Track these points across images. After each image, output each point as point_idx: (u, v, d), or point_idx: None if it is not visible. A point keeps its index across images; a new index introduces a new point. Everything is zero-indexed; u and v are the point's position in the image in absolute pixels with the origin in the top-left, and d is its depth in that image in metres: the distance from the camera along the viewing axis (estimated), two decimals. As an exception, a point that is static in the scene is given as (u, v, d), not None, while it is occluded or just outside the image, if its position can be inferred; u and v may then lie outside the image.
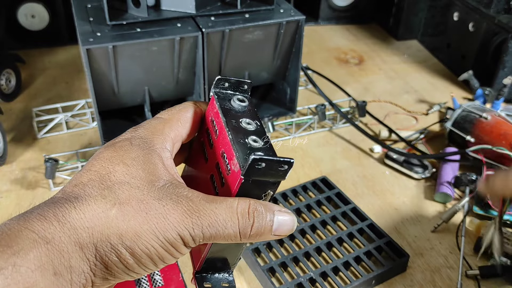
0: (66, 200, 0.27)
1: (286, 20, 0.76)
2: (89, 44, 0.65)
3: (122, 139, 0.30)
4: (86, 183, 0.27)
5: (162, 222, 0.26)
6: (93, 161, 0.29)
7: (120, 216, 0.26)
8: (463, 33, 1.06)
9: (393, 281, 0.62)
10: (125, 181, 0.27)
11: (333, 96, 0.99)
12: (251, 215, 0.27)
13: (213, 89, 0.32)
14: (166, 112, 0.33)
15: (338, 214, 0.68)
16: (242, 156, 0.27)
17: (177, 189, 0.27)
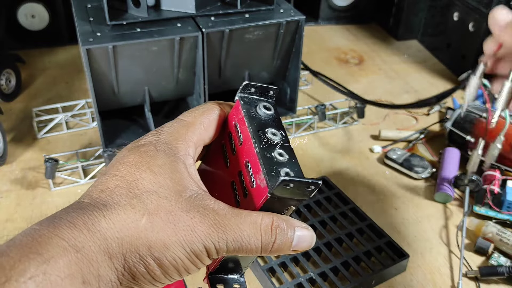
0: (94, 207, 0.26)
1: (286, 20, 0.76)
2: (89, 44, 0.65)
3: (146, 142, 0.30)
4: (113, 189, 0.27)
5: (190, 235, 0.26)
6: (118, 165, 0.28)
7: (150, 227, 0.26)
8: (463, 33, 1.06)
9: (393, 281, 0.62)
10: (153, 190, 0.27)
11: (333, 96, 1.00)
12: (273, 231, 0.28)
13: (239, 94, 0.32)
14: (189, 113, 0.32)
15: (338, 214, 0.68)
16: (269, 172, 0.28)
17: (203, 201, 0.28)
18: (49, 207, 0.71)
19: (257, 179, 0.28)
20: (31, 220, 0.68)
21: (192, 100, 0.84)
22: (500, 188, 0.71)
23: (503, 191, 0.70)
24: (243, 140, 0.31)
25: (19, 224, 0.68)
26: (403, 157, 0.80)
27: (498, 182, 0.72)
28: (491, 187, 0.71)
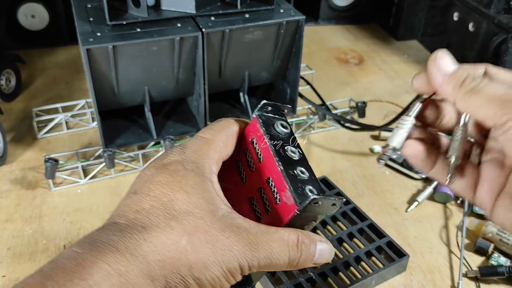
0: (133, 229, 0.27)
1: (286, 20, 0.76)
2: (89, 44, 0.65)
3: (173, 161, 0.30)
4: (149, 210, 0.27)
5: (227, 254, 0.28)
6: (149, 185, 0.29)
7: (190, 248, 0.27)
8: (463, 33, 1.06)
9: (393, 281, 0.62)
10: (188, 211, 0.28)
11: (333, 96, 1.00)
12: (299, 248, 0.30)
13: (256, 112, 0.33)
14: (208, 130, 0.33)
15: (338, 214, 0.68)
16: (296, 190, 0.29)
17: (234, 220, 0.29)
18: (49, 207, 0.71)
19: (283, 197, 0.30)
20: (31, 220, 0.68)
21: (192, 100, 0.84)
22: (500, 188, 0.71)
23: (503, 191, 0.70)
24: (263, 158, 0.32)
25: (19, 224, 0.68)
26: (403, 157, 0.80)
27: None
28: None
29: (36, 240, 0.66)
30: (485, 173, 0.33)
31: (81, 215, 0.70)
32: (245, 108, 0.85)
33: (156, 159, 0.31)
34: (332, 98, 0.98)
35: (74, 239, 0.66)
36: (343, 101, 0.96)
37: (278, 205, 0.30)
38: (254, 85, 0.85)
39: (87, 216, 0.70)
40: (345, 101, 0.96)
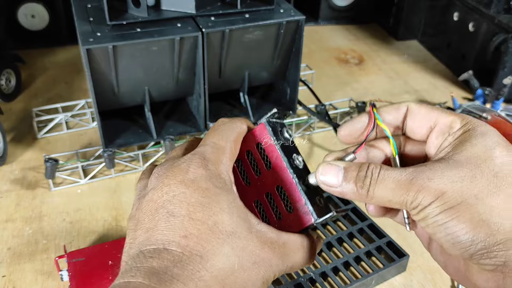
0: (190, 259, 0.27)
1: (286, 20, 0.76)
2: (89, 44, 0.65)
3: (200, 176, 0.29)
4: (198, 235, 0.28)
5: (268, 270, 0.30)
6: (187, 207, 0.28)
7: (241, 270, 0.28)
8: (463, 33, 1.06)
9: (393, 281, 0.62)
10: (232, 232, 0.28)
11: (333, 96, 1.00)
12: (313, 252, 0.33)
13: (265, 118, 0.33)
14: (219, 135, 0.32)
15: (338, 214, 0.68)
16: (312, 203, 0.31)
17: (267, 234, 0.30)
18: (49, 207, 0.71)
19: (298, 207, 0.31)
20: (31, 220, 0.68)
21: (192, 100, 0.84)
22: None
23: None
24: (273, 166, 0.32)
25: (19, 224, 0.68)
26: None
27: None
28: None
29: (36, 240, 0.66)
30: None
31: (81, 215, 0.70)
32: (245, 108, 0.85)
33: (176, 170, 0.30)
34: (332, 98, 0.98)
35: (74, 239, 0.66)
36: (343, 101, 0.96)
37: (291, 214, 0.32)
38: (254, 85, 0.85)
39: (87, 216, 0.70)
40: (345, 101, 0.96)
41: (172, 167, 0.30)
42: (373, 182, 0.29)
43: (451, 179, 0.27)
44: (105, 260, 0.58)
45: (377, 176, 0.29)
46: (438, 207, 0.28)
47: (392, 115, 0.34)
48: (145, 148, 0.81)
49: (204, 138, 0.32)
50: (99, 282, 0.55)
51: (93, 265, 0.57)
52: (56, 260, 0.58)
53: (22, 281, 0.60)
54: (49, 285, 0.60)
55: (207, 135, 0.33)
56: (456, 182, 0.27)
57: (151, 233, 0.28)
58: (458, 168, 0.28)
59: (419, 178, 0.28)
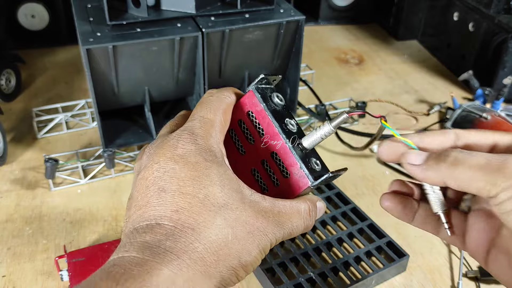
0: (183, 232, 0.27)
1: (286, 20, 0.76)
2: (89, 44, 0.65)
3: (189, 151, 0.30)
4: (189, 209, 0.28)
5: (264, 238, 0.30)
6: (178, 182, 0.29)
7: (236, 240, 0.28)
8: (463, 33, 1.06)
9: (393, 281, 0.62)
10: (225, 204, 0.29)
11: (333, 96, 1.00)
12: (311, 215, 0.33)
13: (253, 85, 0.32)
14: (207, 108, 0.32)
15: (338, 214, 0.68)
16: (307, 166, 0.31)
17: (260, 204, 0.30)
18: (49, 207, 0.71)
19: (293, 171, 0.31)
20: (31, 220, 0.68)
21: (192, 100, 0.84)
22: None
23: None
24: (265, 133, 0.32)
25: (19, 224, 0.68)
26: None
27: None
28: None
29: (36, 240, 0.66)
30: (473, 223, 0.33)
31: (81, 215, 0.70)
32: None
33: (166, 147, 0.30)
34: (332, 98, 0.98)
35: (74, 239, 0.66)
36: (343, 101, 0.96)
37: (288, 179, 0.32)
38: (254, 85, 0.85)
39: (87, 216, 0.70)
40: (345, 101, 0.96)
41: (162, 144, 0.30)
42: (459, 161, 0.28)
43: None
44: (105, 260, 0.58)
45: (463, 155, 0.28)
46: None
47: (439, 140, 0.32)
48: (145, 148, 0.80)
49: (193, 112, 0.32)
50: (99, 282, 0.55)
51: (93, 265, 0.57)
52: (56, 260, 0.58)
53: (22, 281, 0.60)
54: (49, 285, 0.60)
55: (195, 108, 0.33)
56: None
57: (144, 210, 0.29)
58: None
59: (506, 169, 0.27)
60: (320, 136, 0.32)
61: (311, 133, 0.33)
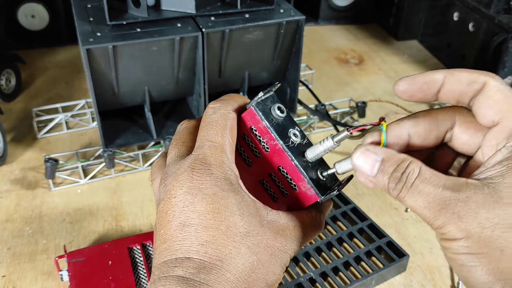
0: (212, 264, 0.28)
1: (286, 20, 0.76)
2: (89, 44, 0.65)
3: (205, 182, 0.29)
4: (214, 241, 0.28)
5: (284, 256, 0.31)
6: (199, 216, 0.29)
7: (260, 265, 0.29)
8: (463, 33, 1.06)
9: (393, 281, 0.62)
10: (246, 232, 0.29)
11: (333, 96, 1.00)
12: (323, 220, 0.34)
13: (253, 103, 0.32)
14: (214, 131, 0.31)
15: (338, 214, 0.68)
16: (315, 182, 0.31)
17: (277, 222, 0.31)
18: (49, 207, 0.71)
19: (301, 186, 0.32)
20: (31, 220, 0.68)
21: (192, 100, 0.84)
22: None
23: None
24: (270, 149, 0.32)
25: (19, 224, 0.68)
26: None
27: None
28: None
29: (36, 240, 0.66)
30: None
31: (81, 215, 0.70)
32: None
33: (181, 179, 0.30)
34: (332, 98, 0.98)
35: (74, 239, 0.66)
36: (343, 101, 0.96)
37: (297, 192, 0.32)
38: (254, 85, 0.85)
39: (87, 216, 0.70)
40: (345, 101, 0.96)
41: (176, 175, 0.30)
42: (405, 189, 0.27)
43: (482, 224, 0.25)
44: (105, 260, 0.58)
45: (411, 184, 0.27)
46: (463, 247, 0.26)
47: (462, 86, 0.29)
48: (145, 148, 0.81)
49: (200, 135, 0.32)
50: (99, 282, 0.55)
51: (93, 265, 0.57)
52: (56, 260, 0.58)
53: (22, 281, 0.60)
54: (49, 285, 0.60)
55: (201, 129, 0.32)
56: (486, 228, 0.25)
57: (169, 244, 0.29)
58: (495, 209, 0.25)
59: (450, 210, 0.26)
60: (324, 150, 0.32)
61: (315, 146, 0.33)
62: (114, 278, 0.56)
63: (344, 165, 0.32)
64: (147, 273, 0.58)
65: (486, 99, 0.28)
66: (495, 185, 0.26)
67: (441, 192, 0.26)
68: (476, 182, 0.26)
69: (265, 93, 0.32)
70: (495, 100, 0.27)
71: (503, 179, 0.26)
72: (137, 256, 0.60)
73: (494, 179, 0.26)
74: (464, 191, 0.26)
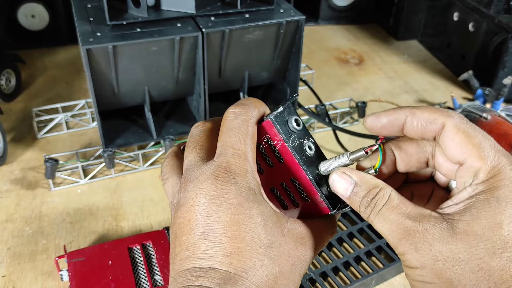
0: (237, 275, 0.28)
1: (286, 20, 0.76)
2: (89, 44, 0.65)
3: (230, 192, 0.29)
4: (238, 253, 0.28)
5: (304, 265, 0.31)
6: (223, 226, 0.29)
7: (282, 276, 0.29)
8: (463, 33, 1.06)
9: (393, 281, 0.62)
10: (269, 243, 0.29)
11: (333, 96, 1.00)
12: (335, 226, 0.35)
13: (272, 116, 0.32)
14: (237, 138, 0.31)
15: (338, 214, 0.68)
16: (327, 197, 0.32)
17: (296, 231, 0.31)
18: (49, 207, 0.71)
19: (314, 198, 0.32)
20: (31, 220, 0.68)
21: (192, 100, 0.84)
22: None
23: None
24: (284, 161, 0.32)
25: (19, 224, 0.68)
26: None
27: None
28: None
29: (36, 240, 0.66)
30: None
31: (81, 215, 0.70)
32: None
33: (204, 186, 0.30)
34: (332, 98, 0.98)
35: (74, 239, 0.66)
36: (343, 101, 0.96)
37: (308, 203, 0.33)
38: (254, 85, 0.85)
39: (87, 216, 0.70)
40: (345, 101, 0.96)
41: (198, 181, 0.30)
42: (373, 214, 0.30)
43: (435, 257, 0.27)
44: (105, 260, 0.58)
45: (378, 210, 0.29)
46: (418, 276, 0.28)
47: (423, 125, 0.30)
48: (145, 148, 0.81)
49: (221, 141, 0.31)
50: (99, 282, 0.55)
51: (93, 265, 0.57)
52: (56, 260, 0.58)
53: (22, 281, 0.60)
54: (49, 285, 0.60)
55: (222, 133, 0.31)
56: (438, 261, 0.27)
57: (192, 252, 0.29)
58: (448, 244, 0.27)
59: (409, 240, 0.28)
60: (338, 166, 0.33)
61: (330, 160, 0.33)
62: (114, 278, 0.56)
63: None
64: (147, 273, 0.58)
65: (447, 140, 0.29)
66: (454, 221, 0.27)
67: (404, 221, 0.28)
68: (438, 216, 0.28)
69: (283, 105, 0.32)
70: (456, 142, 0.29)
71: (461, 217, 0.27)
72: (137, 256, 0.60)
73: (454, 216, 0.27)
74: (424, 223, 0.28)
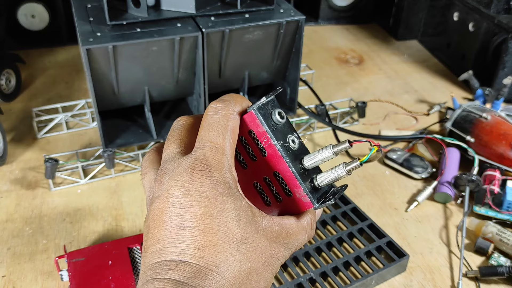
0: (208, 269, 0.28)
1: (286, 20, 0.76)
2: (89, 44, 0.65)
3: (204, 185, 0.29)
4: (211, 246, 0.28)
5: (276, 263, 0.31)
6: (196, 219, 0.29)
7: (254, 272, 0.29)
8: (463, 33, 1.06)
9: (393, 281, 0.62)
10: (243, 239, 0.29)
11: (333, 96, 1.00)
12: (313, 227, 0.34)
13: (255, 107, 0.32)
14: (216, 132, 0.31)
15: (338, 214, 0.68)
16: (310, 190, 0.31)
17: (271, 228, 0.31)
18: (49, 207, 0.71)
19: (296, 193, 0.32)
20: (31, 220, 0.68)
21: (192, 100, 0.84)
22: (500, 188, 0.71)
23: (503, 191, 0.70)
24: (267, 154, 0.32)
25: (19, 224, 0.68)
26: (403, 157, 0.80)
27: (498, 182, 0.71)
28: (491, 187, 0.71)
29: (36, 240, 0.66)
30: None
31: (81, 215, 0.70)
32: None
33: (180, 179, 0.29)
34: (332, 98, 0.98)
35: (74, 239, 0.66)
36: (343, 101, 0.96)
37: (290, 197, 0.32)
38: (254, 85, 0.85)
39: (87, 216, 0.70)
40: (345, 101, 0.96)
41: (175, 174, 0.30)
42: None
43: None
44: (105, 260, 0.58)
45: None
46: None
47: None
48: (145, 148, 0.81)
49: (201, 135, 0.31)
50: (99, 282, 0.55)
51: (93, 265, 0.57)
52: (56, 260, 0.58)
53: (22, 281, 0.60)
54: (49, 285, 0.60)
55: (202, 129, 0.31)
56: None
57: (163, 244, 0.28)
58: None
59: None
60: (322, 159, 0.32)
61: (313, 154, 0.32)
62: (114, 278, 0.56)
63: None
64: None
65: None
66: None
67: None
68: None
69: (267, 97, 0.32)
70: None
71: None
72: (137, 256, 0.60)
73: None
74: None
